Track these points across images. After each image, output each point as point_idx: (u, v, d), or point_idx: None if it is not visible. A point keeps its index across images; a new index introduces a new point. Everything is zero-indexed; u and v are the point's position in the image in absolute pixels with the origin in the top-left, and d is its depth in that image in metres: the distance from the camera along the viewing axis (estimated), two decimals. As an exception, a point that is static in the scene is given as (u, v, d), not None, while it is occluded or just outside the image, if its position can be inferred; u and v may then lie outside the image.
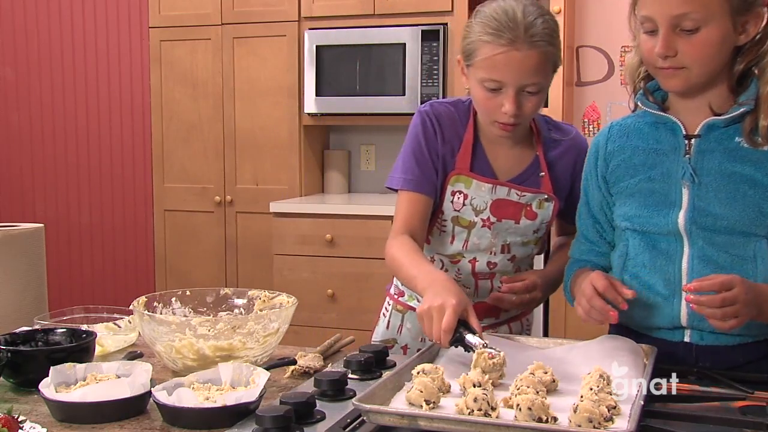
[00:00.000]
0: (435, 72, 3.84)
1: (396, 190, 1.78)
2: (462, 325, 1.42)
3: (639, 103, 1.56)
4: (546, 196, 1.76)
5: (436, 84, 3.85)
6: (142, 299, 1.63)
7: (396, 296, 1.92)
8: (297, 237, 3.90)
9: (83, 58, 4.89)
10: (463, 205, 1.75)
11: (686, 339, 1.52)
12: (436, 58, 3.83)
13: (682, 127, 1.50)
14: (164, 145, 4.41)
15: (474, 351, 1.37)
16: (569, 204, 1.78)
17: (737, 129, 1.46)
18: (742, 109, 1.44)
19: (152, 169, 4.50)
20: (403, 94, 3.89)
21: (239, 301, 1.75)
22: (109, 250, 4.95)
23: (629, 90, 1.61)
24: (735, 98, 1.47)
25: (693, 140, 1.49)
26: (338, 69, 4.02)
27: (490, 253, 1.77)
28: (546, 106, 3.74)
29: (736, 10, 1.40)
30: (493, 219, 1.75)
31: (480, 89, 1.65)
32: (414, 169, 1.75)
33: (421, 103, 3.74)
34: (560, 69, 1.70)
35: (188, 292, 1.72)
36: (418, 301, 1.85)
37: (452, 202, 1.76)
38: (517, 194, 1.74)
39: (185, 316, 1.69)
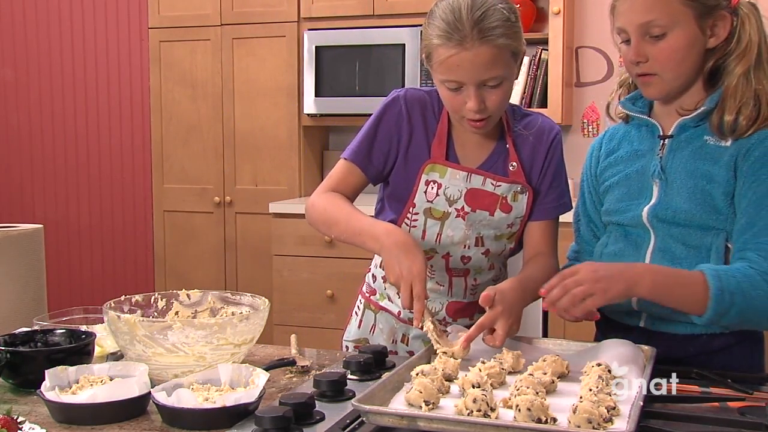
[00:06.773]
0: (434, 72, 3.83)
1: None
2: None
3: (621, 107, 1.64)
4: (520, 187, 1.71)
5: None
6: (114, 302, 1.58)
7: (368, 294, 1.88)
8: (296, 237, 3.90)
9: (83, 58, 4.88)
10: (437, 195, 1.71)
11: (641, 324, 1.58)
12: (435, 58, 3.82)
13: (659, 128, 1.58)
14: (164, 146, 4.41)
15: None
16: (545, 198, 1.74)
17: (706, 128, 1.53)
18: (703, 107, 1.51)
19: (152, 170, 4.50)
20: (403, 95, 3.88)
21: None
22: (109, 250, 4.95)
23: (613, 95, 1.69)
24: (706, 96, 1.53)
25: (667, 140, 1.57)
26: (338, 69, 4.02)
27: (464, 247, 1.73)
28: (545, 106, 3.74)
29: (700, 15, 1.47)
30: (467, 209, 1.70)
31: (443, 88, 1.64)
32: (362, 144, 1.76)
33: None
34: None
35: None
36: (390, 300, 1.83)
37: (425, 192, 1.71)
38: (493, 184, 1.70)
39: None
